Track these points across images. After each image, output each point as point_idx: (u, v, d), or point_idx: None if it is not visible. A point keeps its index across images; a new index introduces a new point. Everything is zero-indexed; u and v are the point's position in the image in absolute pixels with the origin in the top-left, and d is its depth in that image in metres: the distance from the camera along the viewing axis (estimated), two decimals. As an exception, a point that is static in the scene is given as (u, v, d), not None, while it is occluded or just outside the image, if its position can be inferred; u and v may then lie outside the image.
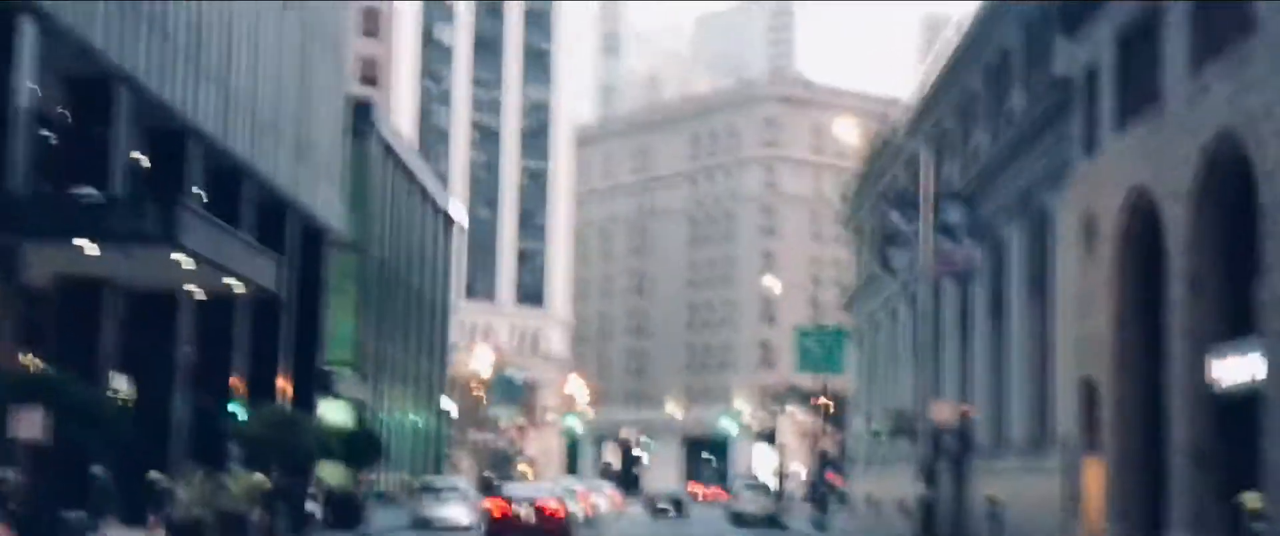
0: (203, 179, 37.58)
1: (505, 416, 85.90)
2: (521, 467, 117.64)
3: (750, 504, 60.57)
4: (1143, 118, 29.06)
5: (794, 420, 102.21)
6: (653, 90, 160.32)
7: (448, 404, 78.17)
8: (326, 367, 51.76)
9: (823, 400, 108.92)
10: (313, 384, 48.58)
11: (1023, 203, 38.13)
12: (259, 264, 36.40)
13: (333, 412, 57.36)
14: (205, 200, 36.69)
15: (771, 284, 70.94)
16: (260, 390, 41.61)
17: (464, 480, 45.81)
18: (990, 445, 42.58)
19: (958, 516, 43.50)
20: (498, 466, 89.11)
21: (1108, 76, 31.09)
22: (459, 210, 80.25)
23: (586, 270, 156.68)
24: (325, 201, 49.43)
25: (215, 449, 36.93)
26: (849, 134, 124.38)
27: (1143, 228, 29.74)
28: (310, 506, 37.86)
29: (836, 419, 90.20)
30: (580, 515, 46.42)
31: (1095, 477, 32.00)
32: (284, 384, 44.54)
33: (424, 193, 72.24)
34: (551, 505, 37.50)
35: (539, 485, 51.47)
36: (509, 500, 37.90)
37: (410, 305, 70.12)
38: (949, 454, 47.28)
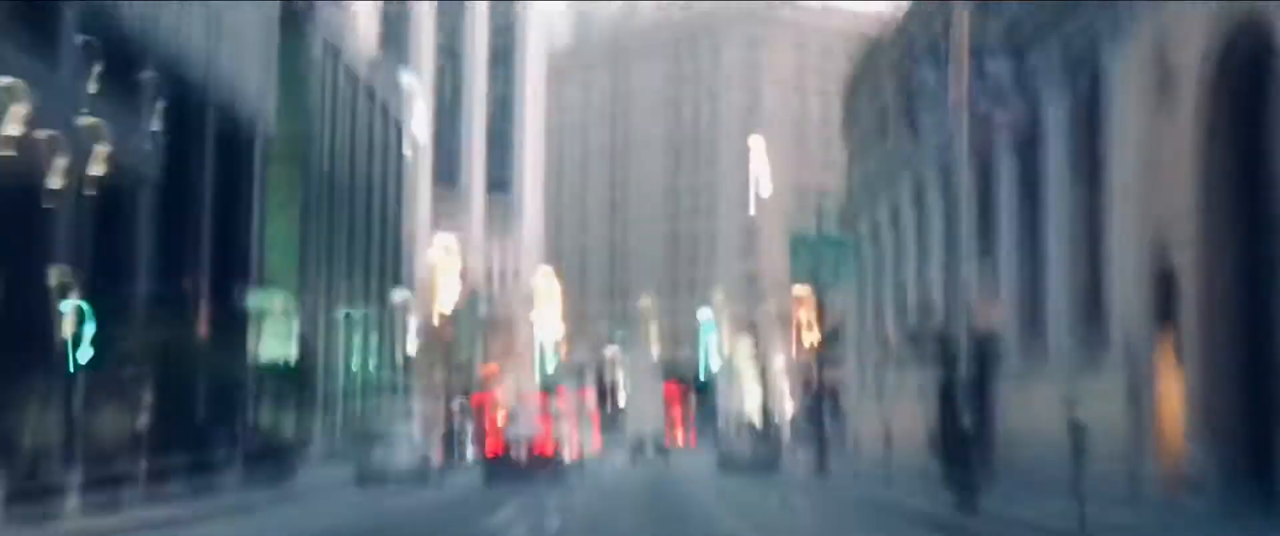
0: (83, 51, 30.87)
1: (466, 352, 79.74)
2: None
3: (748, 448, 54.61)
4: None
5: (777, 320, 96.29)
6: (630, 17, 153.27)
7: (410, 341, 71.98)
8: (256, 293, 45.59)
9: (801, 315, 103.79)
10: (241, 309, 42.32)
11: (1068, 59, 31.94)
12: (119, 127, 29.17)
13: (273, 346, 51.23)
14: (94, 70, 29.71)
15: (755, 144, 63.88)
16: (168, 310, 35.23)
17: (415, 424, 39.56)
18: (1022, 358, 36.59)
19: (986, 447, 37.52)
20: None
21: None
22: (422, 128, 73.59)
23: (562, 204, 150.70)
24: (256, 93, 43.07)
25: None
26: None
27: (1241, 75, 23.68)
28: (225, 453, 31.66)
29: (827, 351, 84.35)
30: (567, 457, 47.79)
31: (1172, 390, 26.06)
32: (203, 308, 38.27)
33: (379, 107, 65.86)
34: (543, 444, 42.01)
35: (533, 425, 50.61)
36: (504, 440, 42.07)
37: (367, 233, 63.87)
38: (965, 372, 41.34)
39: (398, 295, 71.10)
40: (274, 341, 51.06)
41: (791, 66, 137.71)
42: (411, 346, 72.00)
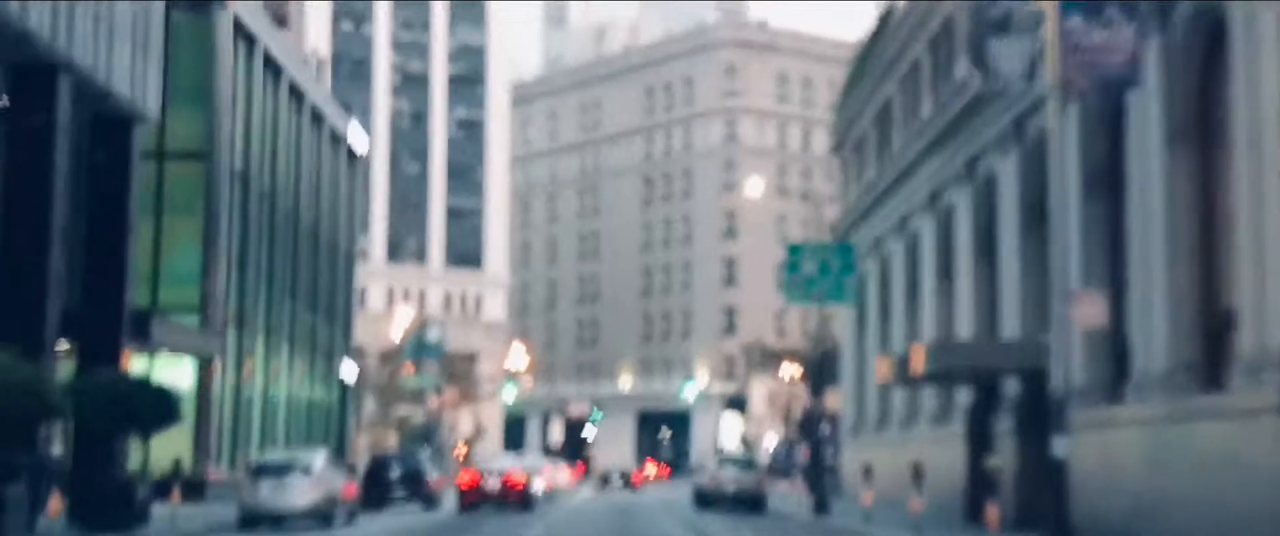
0: None
1: (420, 383, 71.60)
2: (457, 450, 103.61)
3: (730, 482, 46.76)
4: None
5: (767, 385, 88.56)
6: (601, 43, 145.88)
7: (350, 372, 63.86)
8: (141, 310, 37.64)
9: (790, 372, 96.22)
10: (119, 331, 34.41)
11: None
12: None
13: (169, 373, 43.20)
14: None
15: (753, 188, 56.42)
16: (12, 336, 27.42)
17: (321, 455, 31.45)
18: (1095, 383, 28.94)
19: (1031, 492, 29.70)
20: (419, 444, 74.85)
21: None
22: (359, 138, 65.80)
23: (531, 235, 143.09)
24: (135, 74, 35.19)
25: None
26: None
27: None
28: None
29: (819, 381, 76.62)
30: (540, 489, 50.12)
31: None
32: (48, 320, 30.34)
33: (315, 114, 57.96)
34: (515, 476, 43.72)
35: (507, 458, 54.97)
36: (479, 471, 44.35)
37: (300, 251, 55.87)
38: (1011, 402, 33.65)
39: (339, 320, 63.16)
40: (179, 367, 43.30)
41: (770, 95, 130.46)
42: (350, 374, 63.94)
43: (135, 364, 41.10)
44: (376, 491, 44.07)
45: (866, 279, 51.85)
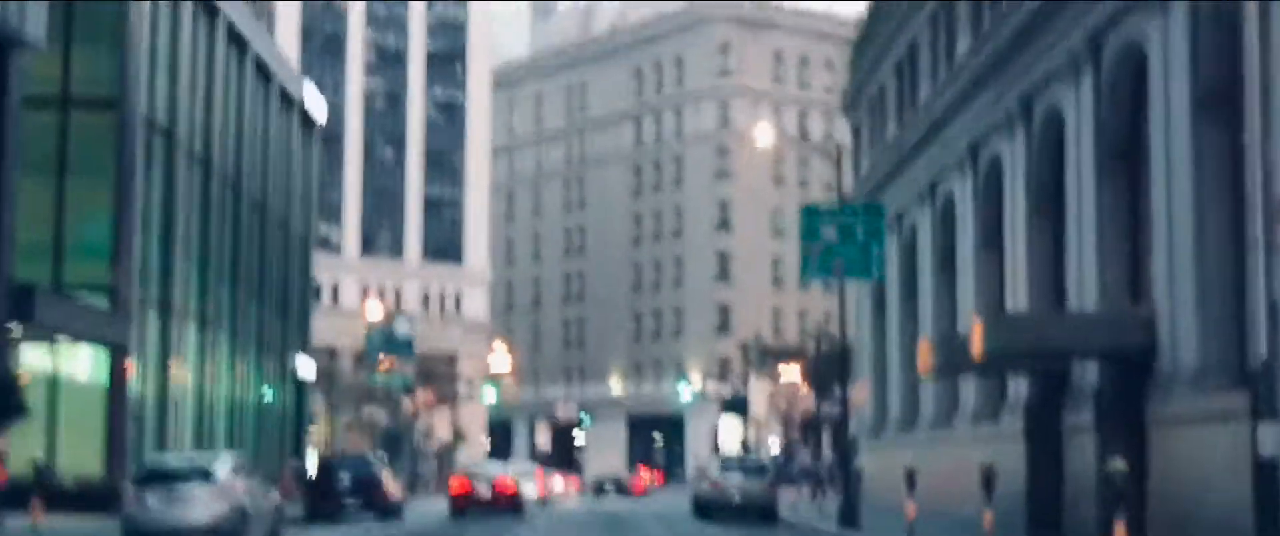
0: None
1: (387, 382, 64.60)
2: (464, 451, 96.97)
3: (736, 489, 40.15)
4: None
5: (767, 386, 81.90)
6: (589, 24, 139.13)
7: (307, 369, 57.18)
8: (23, 284, 30.94)
9: (790, 373, 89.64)
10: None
11: None
12: None
13: (69, 362, 36.64)
14: None
15: (762, 135, 49.63)
16: None
17: (226, 459, 24.73)
18: (1214, 365, 22.48)
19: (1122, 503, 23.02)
20: (390, 448, 68.12)
21: None
22: (317, 104, 59.14)
23: (515, 230, 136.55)
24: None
25: None
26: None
27: None
28: None
29: (825, 379, 70.21)
30: (533, 496, 52.02)
31: None
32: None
33: (263, 69, 51.27)
34: (505, 482, 43.24)
35: (498, 465, 53.69)
36: (470, 477, 43.93)
37: (244, 229, 49.17)
38: (1087, 392, 27.11)
39: (294, 312, 56.51)
40: (84, 356, 36.79)
41: (766, 76, 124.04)
42: (307, 372, 57.30)
43: (31, 353, 34.64)
44: (325, 501, 37.37)
45: (887, 256, 45.25)
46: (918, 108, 42.25)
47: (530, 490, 52.68)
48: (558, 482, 72.81)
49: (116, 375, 36.42)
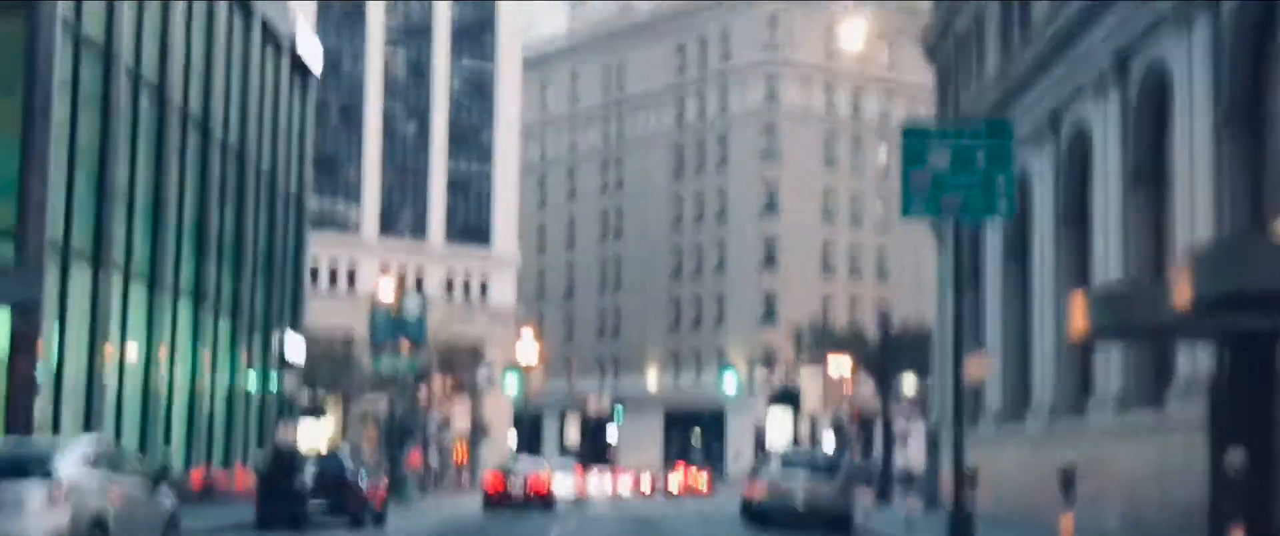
0: None
1: (393, 366, 56.49)
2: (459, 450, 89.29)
3: (800, 490, 31.97)
4: None
5: (821, 377, 73.54)
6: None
7: (296, 351, 49.32)
8: None
9: (842, 364, 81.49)
10: None
11: None
12: None
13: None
14: None
15: (852, 35, 41.67)
16: None
17: (73, 451, 16.64)
18: None
19: None
20: (397, 442, 60.10)
21: None
22: (310, 47, 51.29)
23: (547, 215, 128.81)
24: None
25: None
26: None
27: None
28: None
29: (889, 368, 61.98)
30: (570, 493, 54.70)
31: None
32: None
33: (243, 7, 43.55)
34: (538, 479, 45.06)
35: (533, 461, 52.78)
36: (504, 473, 45.58)
37: (213, 177, 41.37)
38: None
39: (281, 283, 48.71)
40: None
41: (817, 51, 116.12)
42: (296, 354, 49.48)
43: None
44: (280, 505, 29.35)
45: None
46: (1032, 25, 34.10)
47: (567, 488, 54.57)
48: (606, 480, 72.40)
49: (20, 340, 28.62)
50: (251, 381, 45.04)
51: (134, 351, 35.24)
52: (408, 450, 59.79)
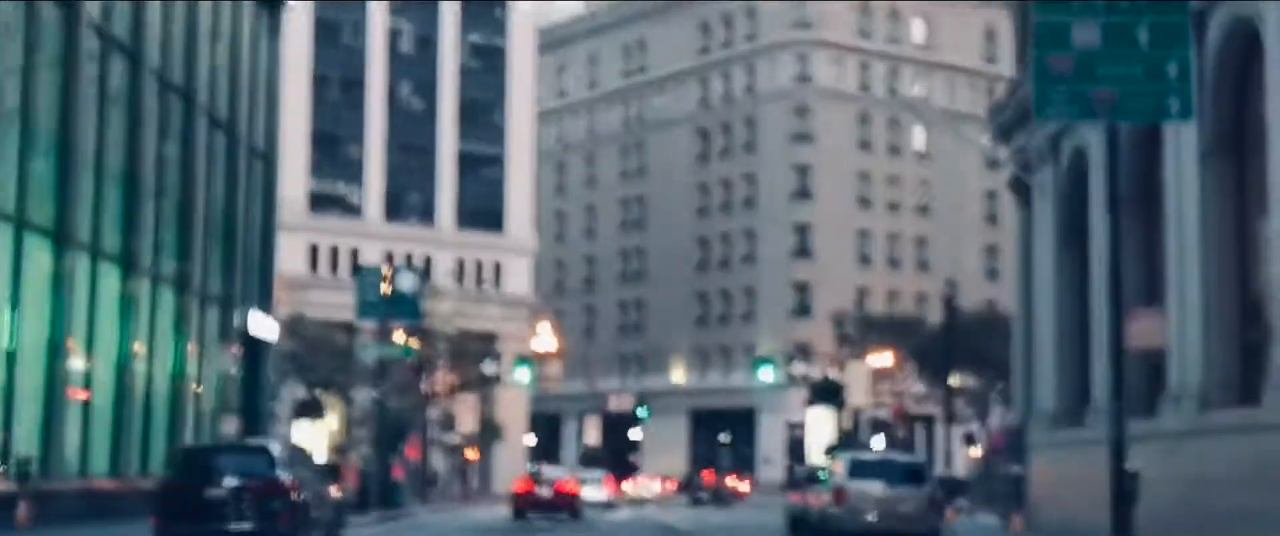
0: None
1: (381, 352, 48.86)
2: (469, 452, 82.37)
3: (877, 504, 24.79)
4: None
5: (866, 371, 66.51)
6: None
7: (266, 330, 42.26)
8: None
9: (884, 359, 74.70)
10: None
11: None
12: None
13: None
14: None
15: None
16: None
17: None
18: None
19: None
20: (391, 441, 53.00)
21: None
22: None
23: (566, 203, 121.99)
24: None
25: None
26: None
27: None
28: None
29: (945, 359, 54.89)
30: (603, 497, 56.27)
31: None
32: None
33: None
34: (566, 485, 45.49)
35: (560, 469, 54.21)
36: (533, 479, 46.35)
37: (148, 116, 34.31)
38: None
39: (244, 254, 41.66)
40: None
41: (851, 26, 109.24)
42: (267, 333, 42.44)
43: None
44: (185, 527, 21.73)
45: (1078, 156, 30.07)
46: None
47: (596, 496, 54.76)
48: (653, 484, 73.56)
49: None
50: (203, 368, 37.94)
51: (43, 325, 28.19)
52: (402, 451, 52.50)
